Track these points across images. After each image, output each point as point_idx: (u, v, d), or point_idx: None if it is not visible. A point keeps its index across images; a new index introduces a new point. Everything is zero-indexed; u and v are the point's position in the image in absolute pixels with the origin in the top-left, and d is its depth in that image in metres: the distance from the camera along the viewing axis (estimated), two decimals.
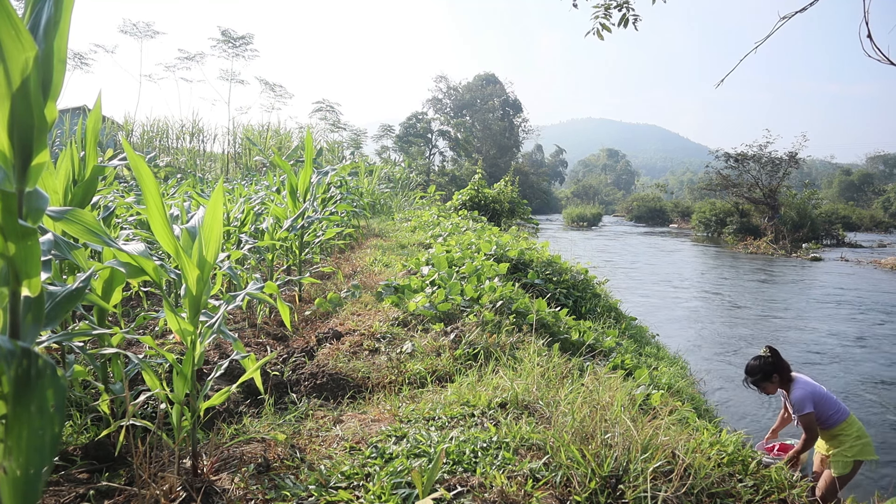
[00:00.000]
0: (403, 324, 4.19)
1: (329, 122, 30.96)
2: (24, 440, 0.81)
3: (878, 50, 3.06)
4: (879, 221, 39.45)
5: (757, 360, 3.73)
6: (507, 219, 17.80)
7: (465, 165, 48.87)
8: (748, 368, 3.77)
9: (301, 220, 4.81)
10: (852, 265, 18.76)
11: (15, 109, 0.95)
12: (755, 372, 3.72)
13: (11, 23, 0.89)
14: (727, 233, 28.79)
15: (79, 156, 2.42)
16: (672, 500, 1.97)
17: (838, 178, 66.35)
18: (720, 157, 29.65)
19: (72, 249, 1.72)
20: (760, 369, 3.70)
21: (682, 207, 46.15)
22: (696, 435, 2.50)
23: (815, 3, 3.88)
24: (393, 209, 13.85)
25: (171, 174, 14.65)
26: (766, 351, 3.73)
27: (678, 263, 18.70)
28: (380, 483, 1.93)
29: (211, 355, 3.59)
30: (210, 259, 1.88)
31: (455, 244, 7.15)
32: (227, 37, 26.54)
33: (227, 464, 2.11)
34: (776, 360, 3.70)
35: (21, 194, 0.99)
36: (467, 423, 2.51)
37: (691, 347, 8.01)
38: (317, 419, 2.69)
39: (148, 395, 2.17)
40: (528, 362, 3.22)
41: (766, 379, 3.70)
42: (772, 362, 3.69)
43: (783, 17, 3.65)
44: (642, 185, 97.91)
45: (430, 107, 54.93)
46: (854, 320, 10.17)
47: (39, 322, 1.03)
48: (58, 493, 1.90)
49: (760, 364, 3.71)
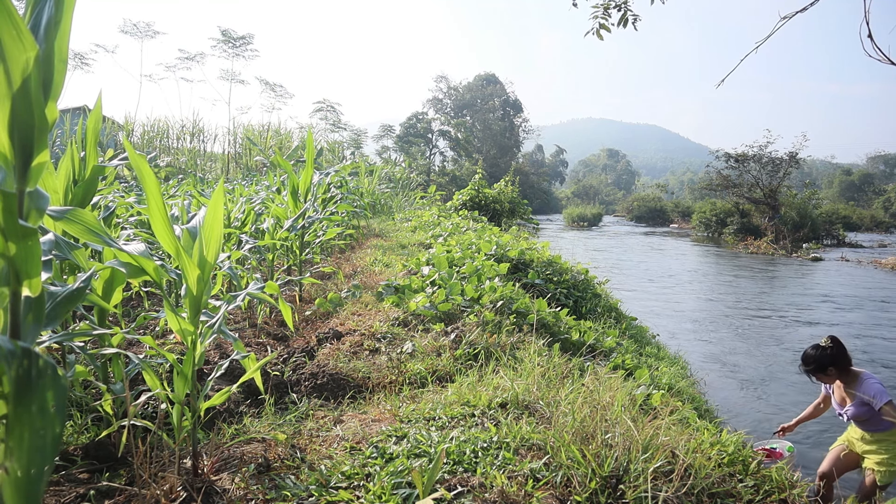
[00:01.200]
0: (404, 324, 4.19)
1: (329, 122, 30.99)
2: (26, 440, 0.81)
3: (878, 50, 3.05)
4: (880, 221, 39.44)
5: (814, 350, 3.64)
6: (507, 219, 17.80)
7: (466, 165, 48.87)
8: (804, 357, 3.68)
9: (302, 221, 4.81)
10: (853, 265, 18.75)
11: (16, 109, 0.95)
12: (809, 362, 3.64)
13: (13, 22, 0.88)
14: (727, 233, 28.78)
15: (79, 156, 2.42)
16: (672, 500, 1.97)
17: (839, 178, 66.34)
18: (720, 158, 29.64)
19: (72, 249, 1.72)
20: (815, 359, 3.62)
21: (682, 207, 46.12)
22: (696, 435, 2.50)
23: (816, 3, 3.88)
24: (393, 209, 13.85)
25: (172, 174, 14.66)
26: (828, 342, 3.63)
27: (679, 263, 18.69)
28: (380, 483, 1.93)
29: (211, 355, 3.59)
30: (211, 259, 1.88)
31: (455, 244, 7.15)
32: (227, 37, 26.57)
33: (227, 464, 2.11)
34: (835, 353, 3.59)
35: (22, 194, 0.99)
36: (468, 423, 2.51)
37: (691, 347, 8.01)
38: (317, 419, 2.69)
39: (148, 395, 2.17)
40: (529, 362, 3.22)
41: (821, 370, 3.61)
42: (829, 354, 3.58)
43: (783, 17, 3.65)
44: (642, 185, 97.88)
45: (430, 107, 54.95)
46: (854, 320, 10.17)
47: (40, 322, 1.03)
48: (58, 492, 1.90)
49: (817, 354, 3.62)
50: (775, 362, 7.42)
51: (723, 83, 4.20)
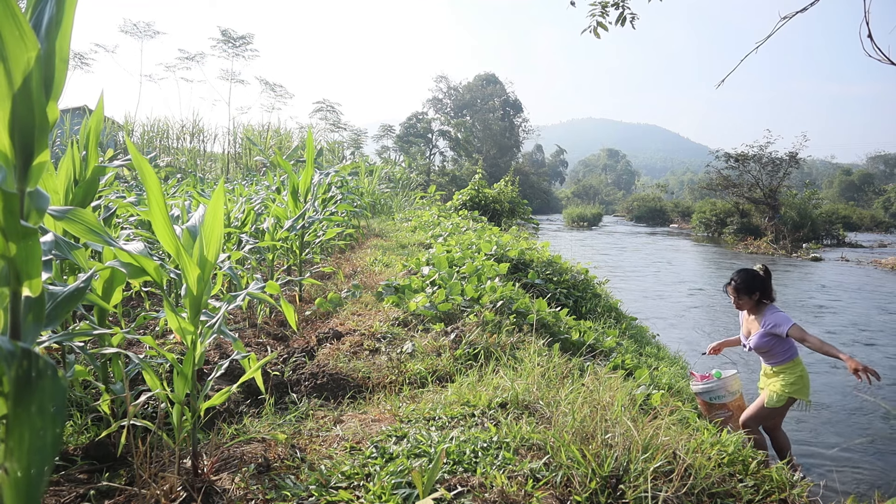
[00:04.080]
0: (404, 324, 4.19)
1: (329, 122, 31.00)
2: (26, 441, 0.81)
3: (878, 50, 3.05)
4: (880, 221, 39.41)
5: (747, 272, 3.86)
6: (507, 219, 17.80)
7: (466, 165, 48.86)
8: (736, 273, 3.90)
9: (302, 221, 4.80)
10: (853, 265, 18.75)
11: (16, 109, 0.94)
12: (741, 279, 3.84)
13: (15, 21, 0.88)
14: (727, 233, 28.77)
15: (80, 156, 2.42)
16: (672, 500, 1.97)
17: (838, 178, 66.31)
18: (720, 158, 29.62)
19: (73, 249, 1.72)
20: (746, 279, 3.82)
21: (682, 207, 46.09)
22: (696, 435, 2.50)
23: (816, 3, 3.87)
24: (393, 209, 13.85)
25: (172, 174, 14.65)
26: (762, 269, 3.87)
27: (679, 263, 18.69)
28: (380, 483, 1.93)
29: (211, 355, 3.59)
30: (211, 259, 1.88)
31: (455, 244, 7.15)
32: (227, 37, 26.57)
33: (227, 464, 2.11)
34: (765, 281, 3.82)
35: (22, 194, 0.99)
36: (468, 423, 2.51)
37: (691, 347, 8.00)
38: (317, 419, 2.69)
39: (148, 395, 2.17)
40: (529, 362, 3.21)
41: (747, 292, 3.82)
42: (760, 279, 3.81)
43: (783, 18, 3.65)
44: (642, 185, 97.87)
45: (430, 107, 54.93)
46: (854, 320, 10.16)
47: (40, 322, 1.03)
48: (58, 493, 1.90)
49: (748, 275, 3.84)
50: None
51: (723, 83, 4.21)
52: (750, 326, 3.93)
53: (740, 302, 3.89)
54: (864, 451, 4.52)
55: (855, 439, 4.72)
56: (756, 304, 3.86)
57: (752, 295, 3.82)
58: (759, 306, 3.86)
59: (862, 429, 4.96)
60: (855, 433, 4.85)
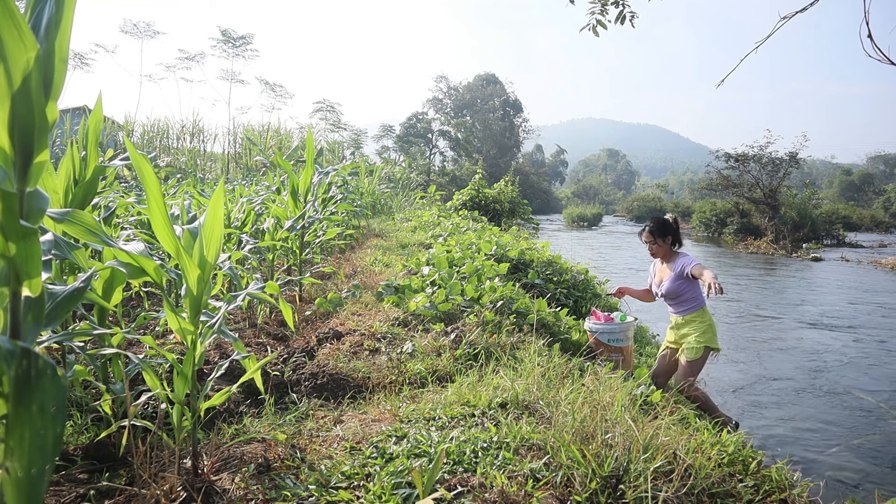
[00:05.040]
0: (404, 324, 4.19)
1: (329, 122, 31.00)
2: (26, 440, 0.81)
3: (878, 50, 3.05)
4: (880, 221, 39.38)
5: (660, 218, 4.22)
6: (507, 219, 17.80)
7: (466, 165, 48.87)
8: (652, 218, 4.24)
9: (302, 221, 4.80)
10: (853, 265, 18.75)
11: (16, 109, 0.94)
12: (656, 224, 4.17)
13: (14, 21, 0.88)
14: (727, 233, 28.76)
15: (80, 156, 2.42)
16: (672, 500, 1.97)
17: (839, 178, 66.29)
18: (720, 158, 29.62)
19: (72, 249, 1.72)
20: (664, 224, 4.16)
21: (682, 207, 46.07)
22: (696, 435, 2.50)
23: (816, 3, 3.87)
24: (393, 209, 13.85)
25: (172, 174, 14.66)
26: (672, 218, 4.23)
27: None
28: (380, 483, 1.93)
29: (211, 355, 3.59)
30: (211, 259, 1.88)
31: (455, 244, 7.14)
32: (227, 37, 26.59)
33: (227, 464, 2.11)
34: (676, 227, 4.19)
35: (22, 194, 0.99)
36: (468, 423, 2.50)
37: None
38: (317, 419, 2.69)
39: (148, 395, 2.17)
40: (529, 362, 3.21)
41: (660, 234, 4.15)
42: (673, 225, 4.17)
43: (783, 18, 3.65)
44: (642, 185, 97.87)
45: (430, 107, 54.94)
46: (854, 320, 10.16)
47: (40, 322, 1.03)
48: (58, 493, 1.89)
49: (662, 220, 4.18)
50: (774, 362, 7.42)
51: (723, 83, 4.20)
52: (662, 274, 4.22)
53: (654, 247, 4.19)
54: (864, 451, 4.52)
55: (855, 439, 4.72)
56: (668, 252, 4.17)
57: (665, 238, 4.14)
58: (670, 255, 4.17)
59: (862, 429, 4.96)
60: (855, 433, 4.86)
